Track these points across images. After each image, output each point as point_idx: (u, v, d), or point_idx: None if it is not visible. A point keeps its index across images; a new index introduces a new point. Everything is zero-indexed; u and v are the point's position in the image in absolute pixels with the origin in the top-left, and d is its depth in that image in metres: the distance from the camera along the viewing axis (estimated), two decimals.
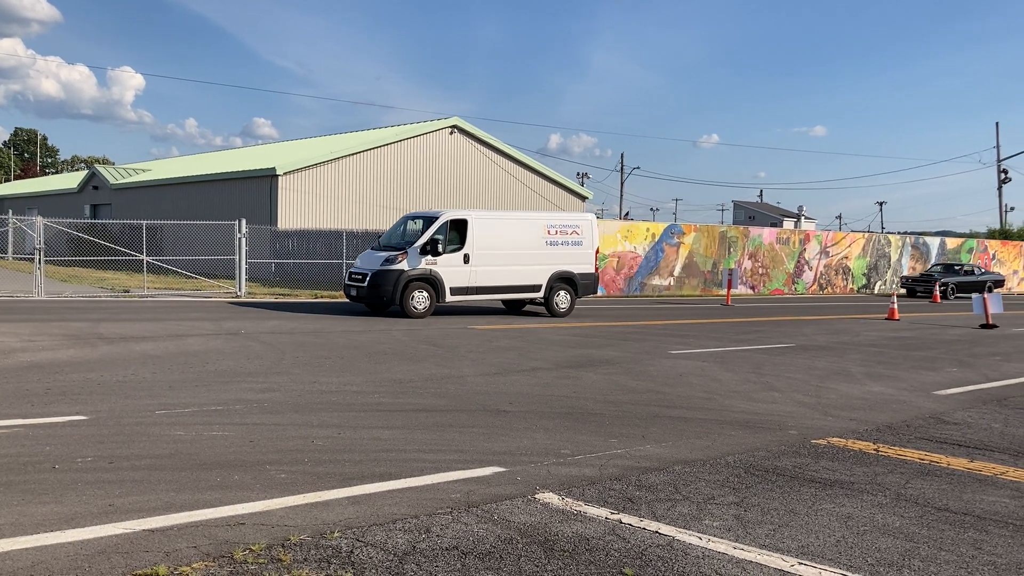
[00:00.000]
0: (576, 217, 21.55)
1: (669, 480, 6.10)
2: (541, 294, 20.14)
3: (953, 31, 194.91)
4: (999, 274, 41.99)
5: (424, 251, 18.55)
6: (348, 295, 19.40)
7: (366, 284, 18.62)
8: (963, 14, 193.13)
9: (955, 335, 18.60)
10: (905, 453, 7.28)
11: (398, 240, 19.50)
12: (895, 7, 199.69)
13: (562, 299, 20.35)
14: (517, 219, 20.71)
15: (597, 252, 21.34)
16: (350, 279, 19.32)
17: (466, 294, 19.22)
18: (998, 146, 62.17)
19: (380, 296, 18.51)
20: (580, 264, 20.61)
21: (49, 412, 7.64)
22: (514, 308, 21.37)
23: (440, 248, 18.57)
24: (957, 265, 39.32)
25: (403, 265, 18.45)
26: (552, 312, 20.24)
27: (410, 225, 19.80)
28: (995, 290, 38.03)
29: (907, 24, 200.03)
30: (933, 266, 40.48)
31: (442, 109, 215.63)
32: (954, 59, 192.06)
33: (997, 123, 63.71)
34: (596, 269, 21.24)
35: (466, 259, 19.00)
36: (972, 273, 38.58)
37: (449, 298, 18.94)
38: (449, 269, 18.80)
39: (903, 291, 37.71)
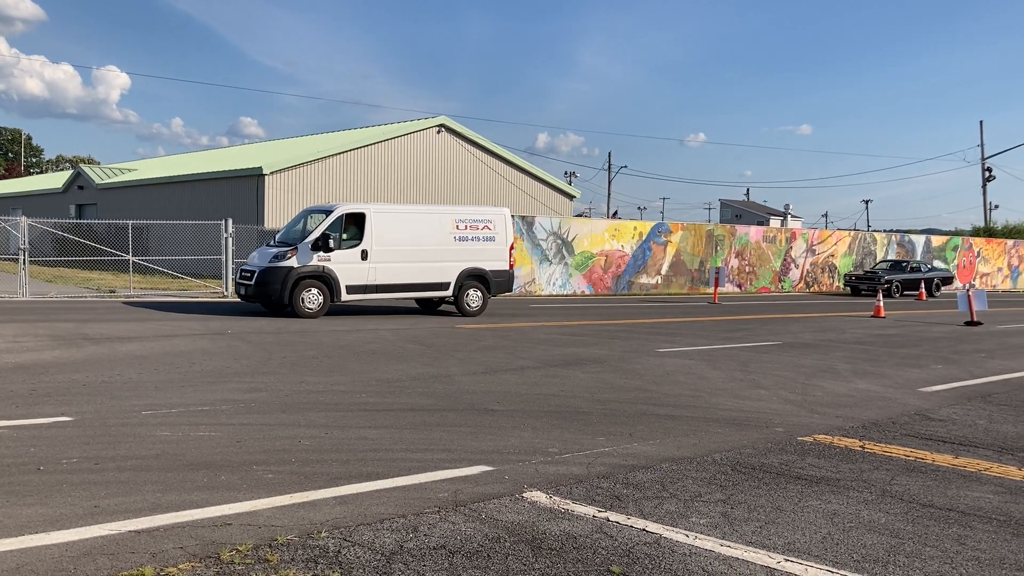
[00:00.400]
0: (489, 211, 20.39)
1: (656, 478, 6.12)
2: (450, 292, 19.23)
3: (937, 31, 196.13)
4: (947, 270, 40.81)
5: (316, 247, 17.58)
6: (239, 294, 18.41)
7: (253, 282, 17.62)
8: (947, 15, 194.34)
9: (940, 332, 18.72)
10: (891, 450, 7.32)
11: (296, 236, 18.40)
12: (880, 7, 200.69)
13: (473, 298, 19.45)
14: (423, 213, 19.83)
15: (512, 248, 20.41)
16: (240, 277, 18.30)
17: (365, 292, 18.23)
18: (982, 144, 62.65)
19: (268, 295, 17.54)
20: (493, 261, 19.70)
21: (34, 413, 7.59)
22: (428, 307, 20.51)
23: (331, 243, 17.61)
24: (904, 262, 38.00)
25: (292, 262, 17.45)
26: (463, 311, 19.35)
27: (310, 220, 18.73)
28: (943, 287, 36.88)
29: (892, 24, 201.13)
30: (879, 263, 39.13)
31: (429, 108, 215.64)
32: (938, 58, 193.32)
33: (981, 121, 64.25)
34: (511, 266, 20.28)
35: (364, 255, 18.04)
36: (919, 270, 37.13)
37: (345, 297, 17.97)
38: (345, 266, 17.84)
39: (847, 290, 36.51)
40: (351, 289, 17.98)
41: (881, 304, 23.36)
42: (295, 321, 16.97)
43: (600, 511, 5.26)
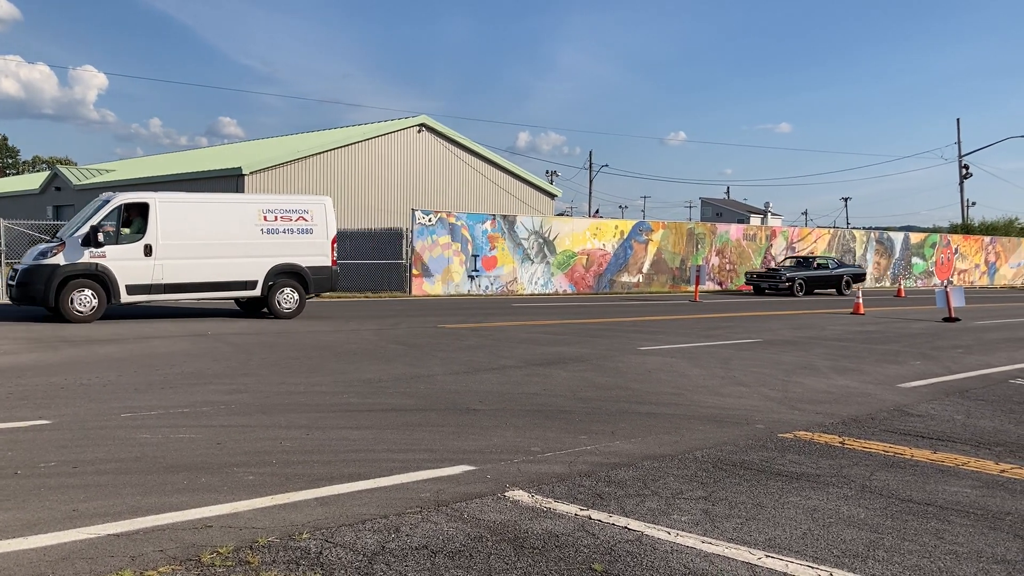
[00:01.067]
0: (305, 200, 18.33)
1: (638, 476, 6.13)
2: (258, 291, 17.33)
3: (914, 31, 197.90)
4: (859, 267, 38.18)
5: (87, 242, 15.67)
6: (8, 296, 16.76)
7: (16, 283, 15.95)
8: (924, 15, 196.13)
9: (919, 328, 18.88)
10: (870, 445, 7.37)
11: (75, 230, 16.28)
12: (858, 7, 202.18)
13: (287, 297, 17.61)
14: (222, 203, 17.66)
15: (334, 242, 18.37)
16: (9, 277, 16.71)
17: (150, 293, 16.34)
18: (959, 142, 63.25)
19: (32, 296, 15.70)
20: (310, 255, 17.82)
21: (11, 417, 7.51)
22: (250, 308, 18.57)
23: (101, 238, 15.71)
24: (811, 258, 35.58)
25: (59, 259, 15.60)
26: (275, 313, 17.51)
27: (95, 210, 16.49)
28: (854, 285, 34.08)
29: (870, 23, 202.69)
30: (784, 260, 36.94)
31: (410, 107, 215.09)
32: (915, 57, 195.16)
33: (958, 119, 64.72)
34: (334, 262, 18.32)
35: (148, 251, 16.14)
36: (826, 267, 34.63)
37: (126, 298, 16.13)
38: (124, 263, 15.96)
39: (750, 288, 34.13)
40: (133, 289, 16.17)
41: (860, 301, 23.53)
42: (276, 322, 16.89)
43: (582, 509, 5.27)
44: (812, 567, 4.42)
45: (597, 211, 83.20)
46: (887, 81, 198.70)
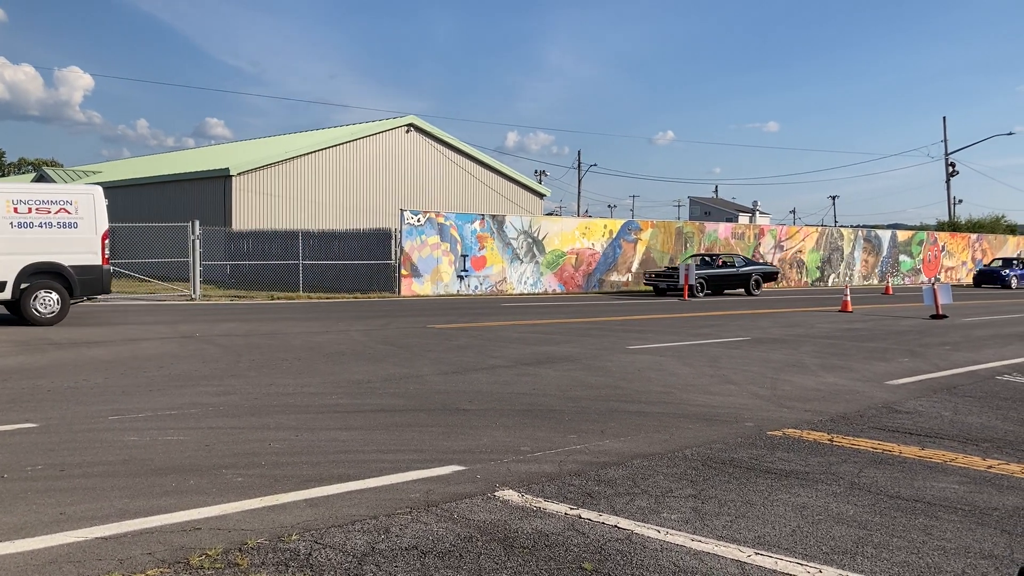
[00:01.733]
0: (67, 191, 15.95)
1: (628, 474, 6.14)
2: (8, 294, 15.04)
3: (900, 29, 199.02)
4: (770, 265, 35.75)
5: None
6: None
7: None
8: (910, 13, 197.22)
9: (906, 326, 18.97)
10: (858, 442, 7.40)
11: None
12: (845, 6, 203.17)
13: (44, 301, 15.29)
14: None
15: (105, 237, 15.93)
16: None
17: None
18: (945, 140, 63.60)
19: None
20: (74, 252, 15.50)
21: None
22: (16, 309, 15.63)
23: None
24: (714, 256, 32.38)
25: None
26: (31, 319, 15.15)
27: None
28: (764, 284, 31.99)
29: (856, 22, 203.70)
30: (687, 258, 33.69)
31: (398, 107, 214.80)
32: (902, 56, 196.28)
33: (944, 118, 65.11)
34: (105, 260, 15.91)
35: None
36: (732, 265, 31.47)
37: None
38: None
39: (650, 288, 31.54)
40: None
41: (849, 299, 23.64)
42: (265, 323, 16.83)
43: (572, 508, 5.27)
44: (801, 564, 4.43)
45: (586, 211, 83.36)
46: (874, 80, 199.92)
